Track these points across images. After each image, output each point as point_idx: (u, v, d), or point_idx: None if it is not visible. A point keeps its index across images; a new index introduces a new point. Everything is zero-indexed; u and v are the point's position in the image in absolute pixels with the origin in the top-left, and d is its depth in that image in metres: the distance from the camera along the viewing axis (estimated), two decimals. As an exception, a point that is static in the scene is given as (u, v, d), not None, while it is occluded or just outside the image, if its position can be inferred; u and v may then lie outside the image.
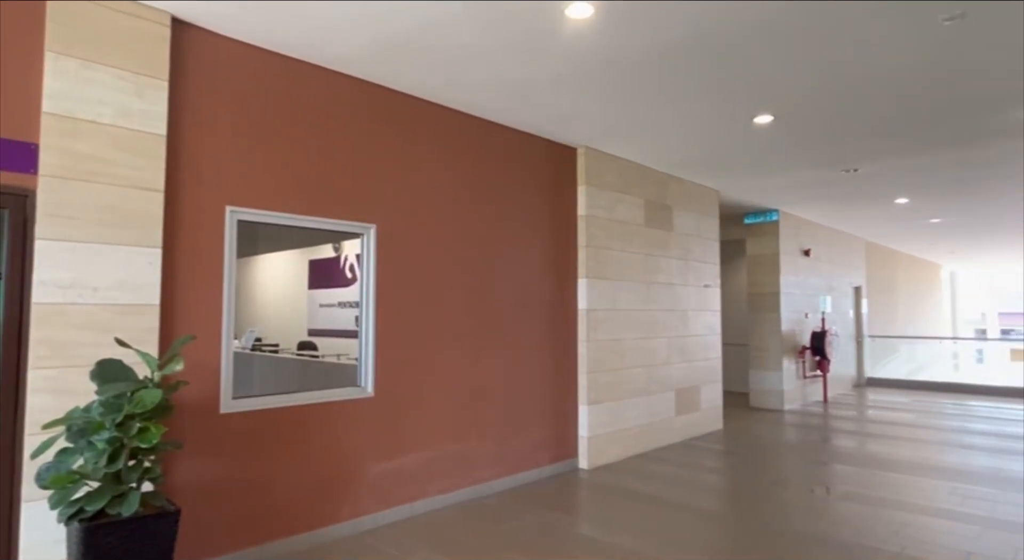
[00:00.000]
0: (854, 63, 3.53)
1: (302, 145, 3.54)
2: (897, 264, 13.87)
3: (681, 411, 6.34)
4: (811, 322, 9.17)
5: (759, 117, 4.48)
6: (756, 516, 4.03)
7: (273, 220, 3.43)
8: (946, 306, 19.57)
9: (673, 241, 6.36)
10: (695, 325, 6.63)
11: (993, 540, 3.57)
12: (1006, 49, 3.34)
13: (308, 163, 3.56)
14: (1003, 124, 4.63)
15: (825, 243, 9.92)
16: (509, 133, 4.78)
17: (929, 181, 6.67)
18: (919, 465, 5.39)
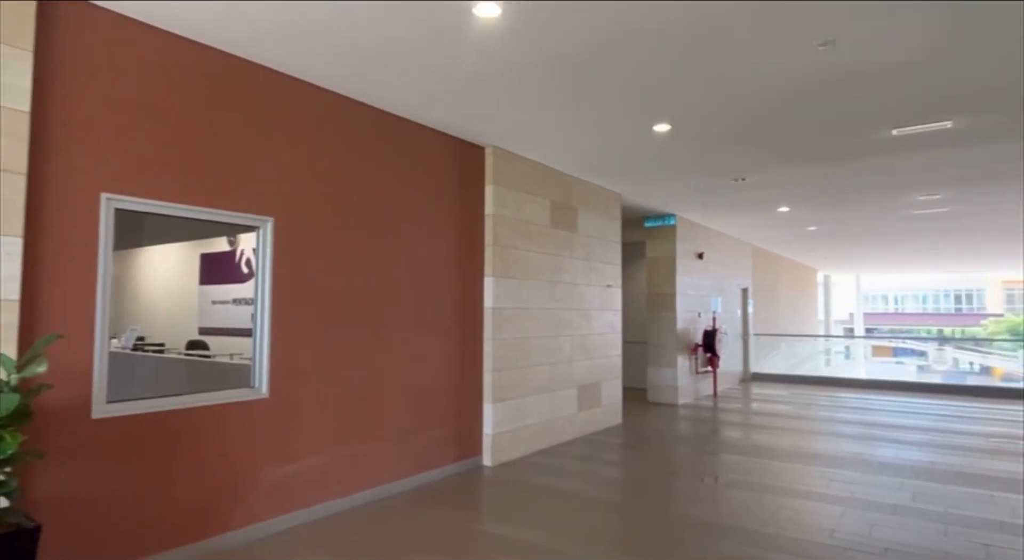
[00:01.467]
0: (743, 79, 3.79)
1: (193, 131, 3.31)
2: (779, 268, 15.02)
3: (583, 407, 6.53)
4: (703, 321, 9.73)
5: (658, 125, 4.70)
6: (651, 505, 4.23)
7: (157, 210, 3.19)
8: (820, 307, 21.45)
9: (578, 242, 6.54)
10: (598, 324, 6.85)
11: (853, 518, 3.96)
12: (874, 74, 3.70)
13: (200, 151, 3.34)
14: (870, 142, 5.12)
15: (717, 247, 10.57)
16: (417, 129, 4.72)
17: (807, 192, 7.27)
18: (795, 452, 5.87)
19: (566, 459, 5.50)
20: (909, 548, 3.44)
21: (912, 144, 5.15)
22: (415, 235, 4.67)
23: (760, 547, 3.46)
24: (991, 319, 39.03)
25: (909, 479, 4.90)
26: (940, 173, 6.23)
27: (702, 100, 4.16)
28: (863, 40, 3.23)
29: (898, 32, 3.14)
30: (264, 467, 3.59)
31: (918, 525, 3.82)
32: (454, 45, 3.34)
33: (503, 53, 3.44)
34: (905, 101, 4.15)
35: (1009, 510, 4.12)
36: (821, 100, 4.15)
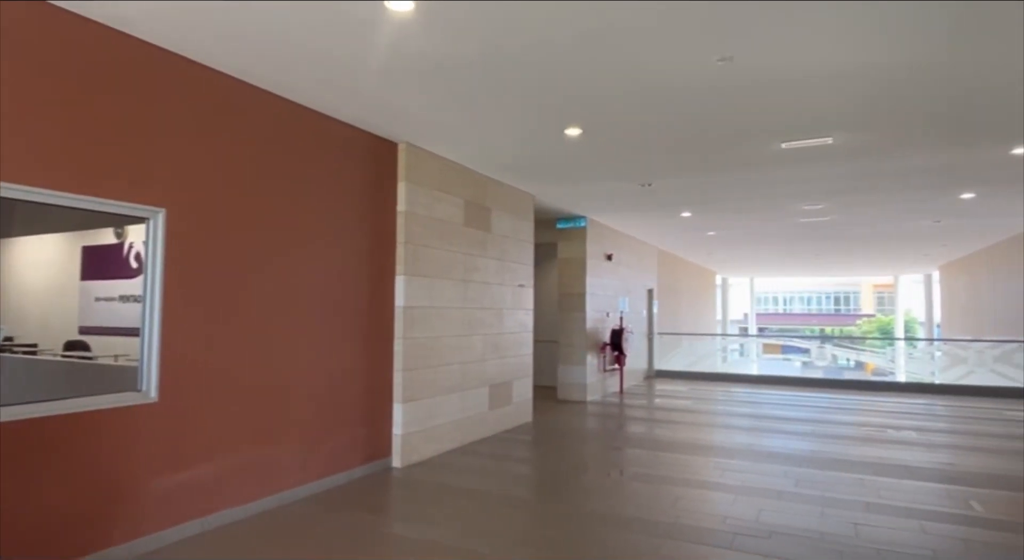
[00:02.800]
0: (649, 89, 3.95)
1: (73, 112, 3.03)
2: (682, 270, 15.81)
3: (494, 406, 6.57)
4: (611, 321, 10.07)
5: (570, 129, 4.82)
6: (560, 500, 4.32)
7: (26, 196, 2.89)
8: (718, 308, 22.78)
9: (491, 241, 6.57)
10: (510, 323, 6.92)
11: (743, 504, 4.23)
12: (766, 91, 3.97)
13: (80, 134, 3.06)
14: (763, 154, 5.50)
15: (625, 249, 10.97)
16: (328, 122, 4.56)
17: (707, 198, 7.70)
18: (693, 445, 6.19)
19: (477, 458, 5.51)
20: (791, 530, 3.72)
21: (799, 157, 5.57)
22: (324, 232, 4.52)
23: (659, 536, 3.62)
24: (865, 319, 43.04)
25: (793, 466, 5.30)
26: (822, 185, 6.79)
27: (611, 107, 4.30)
28: (757, 59, 3.46)
29: (788, 53, 3.39)
30: (152, 476, 3.35)
31: (799, 509, 4.14)
32: (366, 39, 3.26)
33: (416, 49, 3.39)
34: (793, 117, 4.48)
35: (875, 492, 4.56)
36: (720, 112, 4.40)
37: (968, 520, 3.95)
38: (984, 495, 4.50)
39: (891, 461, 5.54)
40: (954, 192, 7.15)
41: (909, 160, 5.65)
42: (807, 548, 3.43)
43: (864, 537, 3.61)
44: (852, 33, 3.15)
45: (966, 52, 3.35)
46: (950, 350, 12.93)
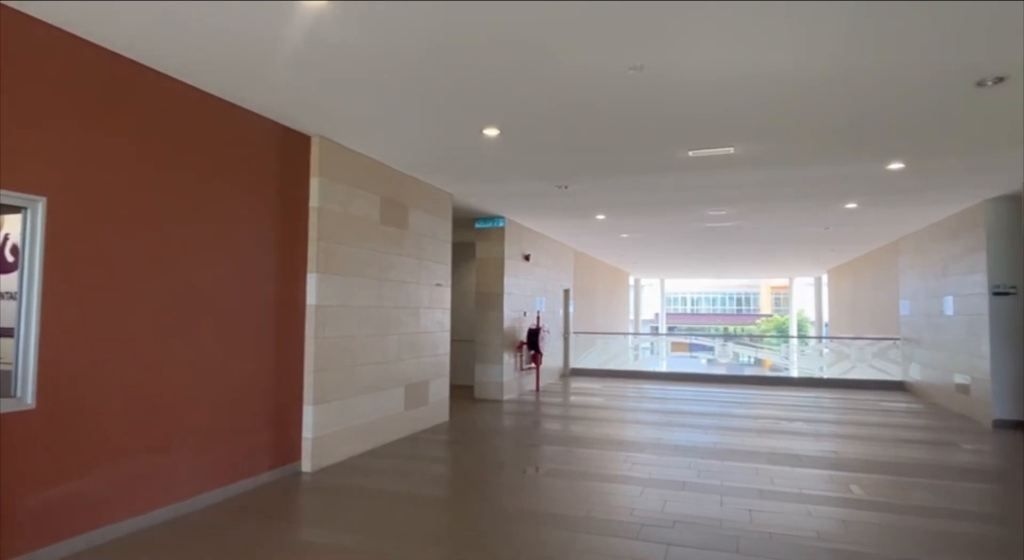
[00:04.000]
0: (564, 93, 4.04)
1: (-67, 86, 2.71)
2: (597, 271, 16.26)
3: (410, 406, 6.50)
4: (528, 320, 10.21)
5: (488, 129, 4.84)
6: (475, 498, 4.33)
7: None
8: (631, 308, 23.61)
9: (408, 240, 6.49)
10: (426, 322, 6.86)
11: (650, 496, 4.41)
12: (675, 100, 4.15)
13: (-58, 111, 2.75)
14: (671, 161, 5.75)
15: (543, 250, 11.15)
16: (236, 111, 4.34)
17: (620, 202, 7.96)
18: (605, 440, 6.39)
19: (391, 459, 5.43)
20: (693, 518, 3.92)
21: (704, 165, 5.88)
22: (228, 227, 4.30)
23: (571, 530, 3.71)
24: (763, 319, 46.01)
25: (696, 458, 5.58)
26: (725, 192, 7.19)
27: (528, 109, 4.36)
28: (666, 70, 3.62)
29: (694, 67, 3.57)
30: (29, 490, 3.06)
31: (701, 498, 4.37)
32: (279, 25, 3.13)
33: (332, 40, 3.30)
34: (698, 127, 4.72)
35: (768, 479, 4.88)
36: (632, 119, 4.57)
37: (848, 502, 4.31)
38: (862, 479, 4.92)
39: (783, 450, 5.95)
40: (840, 202, 7.79)
41: (801, 171, 6.10)
42: (707, 535, 3.63)
43: (758, 522, 3.86)
44: (751, 51, 3.36)
45: (853, 73, 3.66)
46: (836, 347, 14.06)
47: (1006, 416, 7.26)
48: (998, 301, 7.40)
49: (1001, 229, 7.41)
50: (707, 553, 3.36)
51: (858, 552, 3.39)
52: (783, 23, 3.05)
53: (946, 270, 8.80)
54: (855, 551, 3.41)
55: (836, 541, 3.55)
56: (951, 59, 3.45)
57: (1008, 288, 7.35)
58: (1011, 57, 3.42)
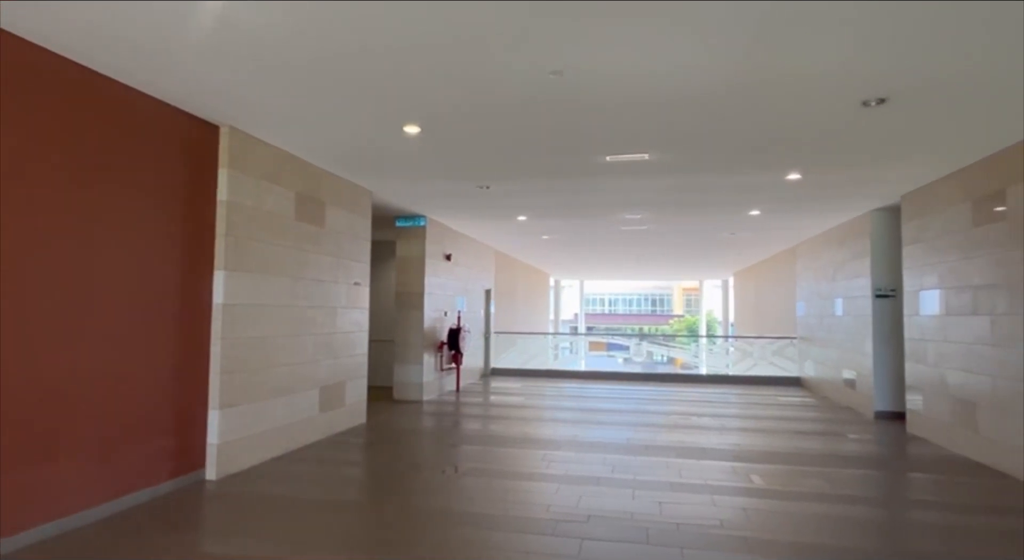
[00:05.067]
0: (485, 94, 4.05)
1: None
2: (518, 271, 16.43)
3: (325, 408, 6.30)
4: (449, 320, 10.16)
5: (408, 127, 4.78)
6: (392, 500, 4.26)
7: None
8: (551, 308, 24.01)
9: (325, 237, 6.29)
10: (343, 322, 6.68)
11: (566, 492, 4.51)
12: (592, 106, 4.26)
13: None
14: (590, 165, 5.90)
15: (464, 249, 11.14)
16: (135, 96, 4.05)
17: (541, 203, 8.08)
18: (524, 439, 6.46)
19: (305, 464, 5.24)
20: (606, 513, 4.04)
21: (620, 170, 6.07)
22: (122, 220, 4.00)
23: (488, 528, 3.73)
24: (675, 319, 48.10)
25: (610, 454, 5.75)
26: (641, 196, 7.46)
27: (450, 107, 4.34)
28: (585, 76, 3.71)
29: (612, 75, 3.68)
30: None
31: (614, 492, 4.51)
32: (185, 10, 2.95)
33: (244, 25, 3.15)
34: (615, 133, 4.87)
35: (677, 472, 5.11)
36: (552, 123, 4.65)
37: (749, 492, 4.58)
38: (761, 469, 5.25)
39: (691, 444, 6.25)
40: (745, 209, 8.27)
41: (709, 179, 6.43)
42: (619, 528, 3.75)
43: (667, 514, 4.03)
44: (663, 63, 3.50)
45: (754, 88, 3.89)
46: (740, 346, 14.91)
47: (886, 408, 7.96)
48: (880, 303, 8.11)
49: (883, 237, 8.12)
50: (619, 545, 3.47)
51: (757, 538, 3.61)
52: (691, 40, 3.20)
53: (836, 274, 9.54)
54: (755, 537, 3.63)
55: (738, 528, 3.77)
56: (840, 79, 3.74)
57: (888, 291, 8.06)
58: (891, 81, 3.75)
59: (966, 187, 5.82)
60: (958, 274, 5.95)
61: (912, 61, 3.46)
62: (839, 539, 3.63)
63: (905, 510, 4.28)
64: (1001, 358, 5.24)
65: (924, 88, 3.86)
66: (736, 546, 3.48)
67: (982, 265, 5.55)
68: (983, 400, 5.50)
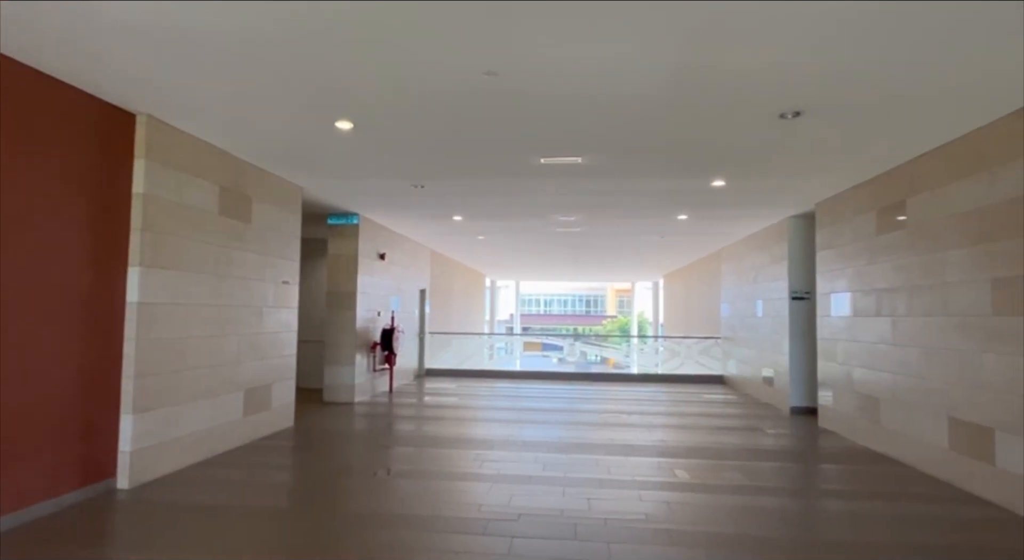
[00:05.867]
0: (419, 92, 4.02)
1: None
2: (454, 271, 16.36)
3: (250, 411, 6.07)
4: (383, 320, 10.00)
5: (340, 122, 4.67)
6: (319, 505, 4.15)
7: None
8: (487, 308, 24.04)
9: (251, 234, 6.06)
10: (271, 322, 6.46)
11: (498, 492, 4.53)
12: (526, 108, 4.30)
13: None
14: (525, 166, 5.95)
15: (399, 248, 10.99)
16: (40, 79, 3.77)
17: (476, 203, 8.08)
18: (458, 439, 6.44)
19: (227, 470, 5.03)
20: (537, 511, 4.09)
21: (555, 172, 6.16)
22: (24, 211, 3.72)
23: (419, 529, 3.69)
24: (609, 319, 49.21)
25: (542, 453, 5.82)
26: (575, 198, 7.59)
27: (384, 105, 4.28)
28: (519, 79, 3.74)
29: (546, 78, 3.73)
30: None
31: (545, 490, 4.57)
32: (93, -14, 2.78)
33: (161, 8, 2.99)
34: (549, 135, 4.94)
35: (606, 469, 5.23)
36: (486, 123, 4.66)
37: (673, 486, 4.74)
38: (685, 464, 5.45)
39: (620, 441, 6.41)
40: (674, 213, 8.56)
41: (640, 183, 6.62)
42: (549, 525, 3.80)
43: (595, 510, 4.12)
44: (596, 65, 3.58)
45: (680, 97, 4.04)
46: (669, 346, 15.42)
47: (800, 404, 8.44)
48: (796, 305, 8.59)
49: (799, 242, 8.60)
50: (548, 542, 3.52)
51: (680, 530, 3.75)
52: (621, 45, 3.29)
53: (757, 277, 10.03)
54: (677, 529, 3.76)
55: (662, 522, 3.90)
56: (760, 92, 3.94)
57: (803, 294, 8.55)
58: (806, 96, 3.98)
59: (872, 197, 6.25)
60: (864, 278, 6.39)
61: (825, 79, 3.69)
62: (756, 528, 3.82)
63: (815, 499, 4.55)
64: (900, 356, 5.66)
65: (835, 105, 4.13)
66: (660, 539, 3.60)
67: (885, 270, 5.98)
68: (884, 395, 5.93)
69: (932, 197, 5.20)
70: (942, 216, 5.06)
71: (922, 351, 5.31)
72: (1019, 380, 4.14)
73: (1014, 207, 4.24)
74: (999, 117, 4.35)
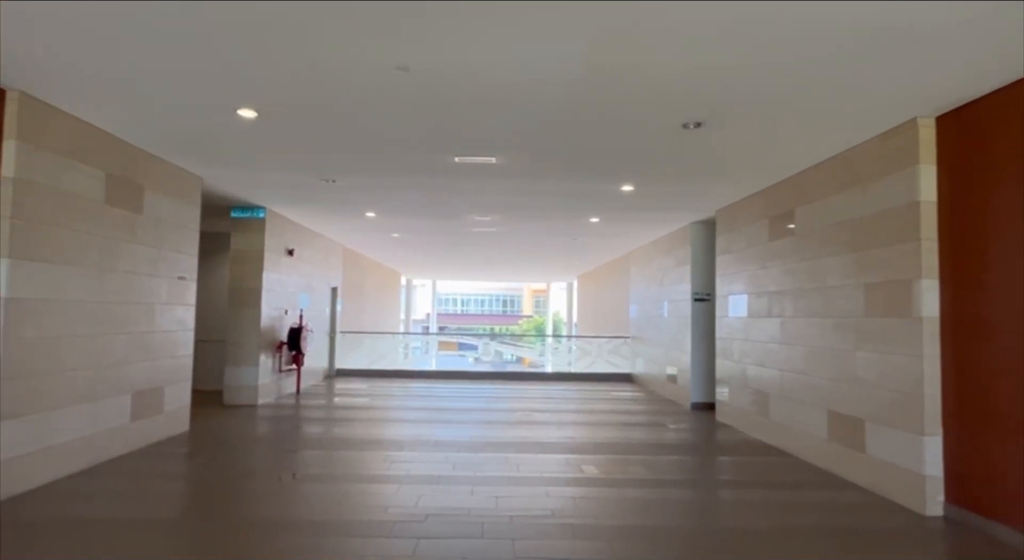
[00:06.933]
0: (327, 85, 3.89)
1: None
2: (368, 269, 16.00)
3: (139, 416, 5.66)
4: (290, 319, 9.62)
5: (243, 110, 4.45)
6: (219, 513, 3.94)
7: None
8: (403, 307, 23.69)
9: (143, 226, 5.65)
10: (164, 320, 6.05)
11: (405, 493, 4.47)
12: (438, 103, 4.27)
13: None
14: (439, 165, 5.91)
15: (309, 245, 10.61)
16: None
17: (390, 200, 7.94)
18: (367, 440, 6.30)
19: (113, 479, 4.67)
20: (445, 511, 4.07)
21: (470, 171, 6.16)
22: None
23: (322, 534, 3.58)
24: (525, 319, 49.82)
25: (453, 452, 5.81)
26: (490, 199, 7.63)
27: (291, 95, 4.12)
28: (431, 75, 3.71)
29: (457, 76, 3.72)
30: None
31: (454, 490, 4.56)
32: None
33: (35, -22, 2.73)
34: (463, 133, 4.94)
35: (515, 467, 5.29)
36: (398, 119, 4.59)
37: (579, 481, 4.87)
38: (592, 460, 5.61)
39: (531, 439, 6.51)
40: (586, 216, 8.79)
41: (553, 185, 6.75)
42: (456, 525, 3.80)
43: (502, 507, 4.16)
44: (510, 64, 3.62)
45: (588, 104, 4.16)
46: (582, 345, 15.81)
47: (700, 400, 8.90)
48: (698, 306, 9.05)
49: (702, 247, 9.07)
50: (454, 542, 3.52)
51: (583, 524, 3.86)
52: (534, 44, 3.34)
53: (663, 279, 10.49)
54: (582, 523, 3.87)
55: (567, 517, 3.99)
56: (664, 101, 4.12)
57: (705, 295, 9.03)
58: (706, 108, 4.21)
59: (765, 206, 6.70)
60: (757, 281, 6.83)
61: (722, 93, 3.91)
62: (655, 519, 3.99)
63: (709, 489, 4.81)
64: (787, 354, 6.09)
65: (732, 118, 4.39)
66: (564, 533, 3.69)
67: (775, 274, 6.42)
68: (773, 391, 6.37)
69: (816, 208, 5.64)
70: (824, 225, 5.49)
71: (806, 349, 5.74)
72: (886, 375, 4.57)
73: (881, 219, 4.67)
74: (871, 137, 4.79)
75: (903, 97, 3.95)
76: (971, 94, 3.88)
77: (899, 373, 4.43)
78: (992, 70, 3.51)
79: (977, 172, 3.97)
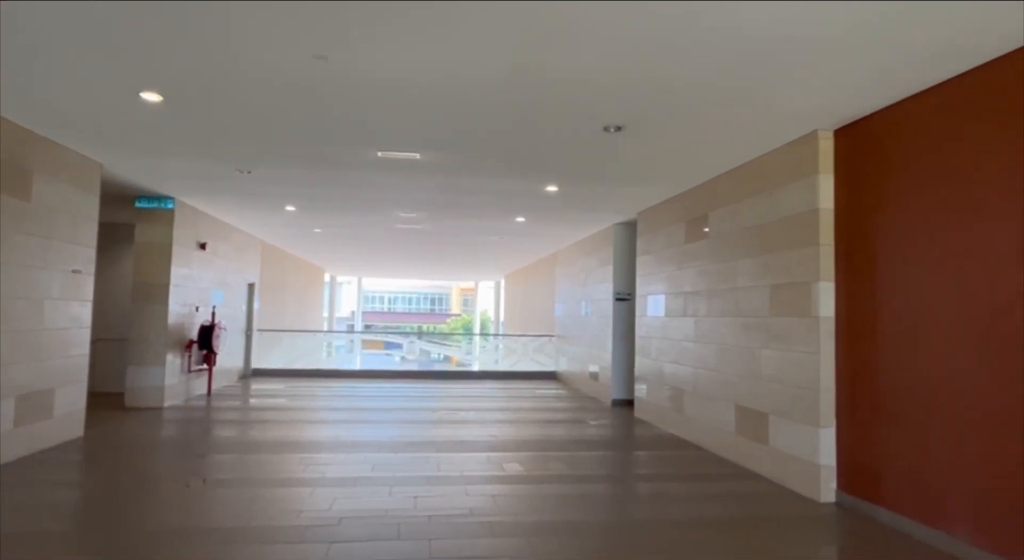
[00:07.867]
0: (239, 70, 3.71)
1: None
2: (289, 265, 15.42)
3: (24, 421, 5.20)
4: (202, 315, 9.13)
5: (147, 93, 4.17)
6: (116, 524, 3.66)
7: None
8: (326, 305, 23.02)
9: (31, 214, 5.20)
10: (56, 317, 5.58)
11: (320, 496, 4.33)
12: (360, 99, 4.16)
13: None
14: (361, 159, 5.77)
15: (224, 238, 10.10)
16: None
17: (311, 194, 7.68)
18: (282, 443, 6.07)
19: (1, 489, 4.26)
20: (360, 513, 3.97)
21: (394, 167, 6.05)
22: None
23: (228, 542, 3.41)
24: (453, 318, 49.61)
25: (373, 453, 5.69)
26: (415, 195, 7.52)
27: (200, 79, 3.89)
28: (352, 66, 3.61)
29: (379, 66, 3.63)
30: None
31: (371, 491, 4.46)
32: None
33: None
34: (385, 127, 4.84)
35: (436, 466, 5.25)
36: (317, 111, 4.44)
37: (499, 479, 4.89)
38: (513, 457, 5.64)
39: (453, 438, 6.47)
40: (512, 215, 8.84)
41: (479, 183, 6.74)
42: (371, 527, 3.71)
43: (421, 507, 4.11)
44: (432, 59, 3.57)
45: (512, 105, 4.17)
46: (508, 343, 15.91)
47: (621, 396, 9.15)
48: (619, 306, 9.30)
49: (623, 248, 9.32)
50: (368, 544, 3.44)
51: (502, 521, 3.87)
52: (456, 39, 3.31)
53: (587, 279, 10.71)
54: (500, 521, 3.87)
55: (486, 515, 3.99)
56: (586, 103, 4.19)
57: (625, 295, 9.28)
58: (626, 113, 4.31)
59: (682, 209, 6.96)
60: (674, 282, 7.09)
61: (641, 98, 4.02)
62: (573, 514, 4.06)
63: (626, 483, 4.95)
64: (701, 352, 6.36)
65: (650, 123, 4.52)
66: (482, 531, 3.68)
67: (691, 275, 6.68)
68: (688, 387, 6.63)
69: (728, 212, 5.91)
70: (735, 229, 5.77)
71: (718, 347, 6.01)
72: (787, 372, 4.85)
73: (785, 224, 4.96)
74: (778, 146, 5.07)
75: (805, 110, 4.21)
76: (865, 110, 4.18)
77: (799, 369, 4.71)
78: (882, 88, 3.79)
79: (869, 182, 4.28)
